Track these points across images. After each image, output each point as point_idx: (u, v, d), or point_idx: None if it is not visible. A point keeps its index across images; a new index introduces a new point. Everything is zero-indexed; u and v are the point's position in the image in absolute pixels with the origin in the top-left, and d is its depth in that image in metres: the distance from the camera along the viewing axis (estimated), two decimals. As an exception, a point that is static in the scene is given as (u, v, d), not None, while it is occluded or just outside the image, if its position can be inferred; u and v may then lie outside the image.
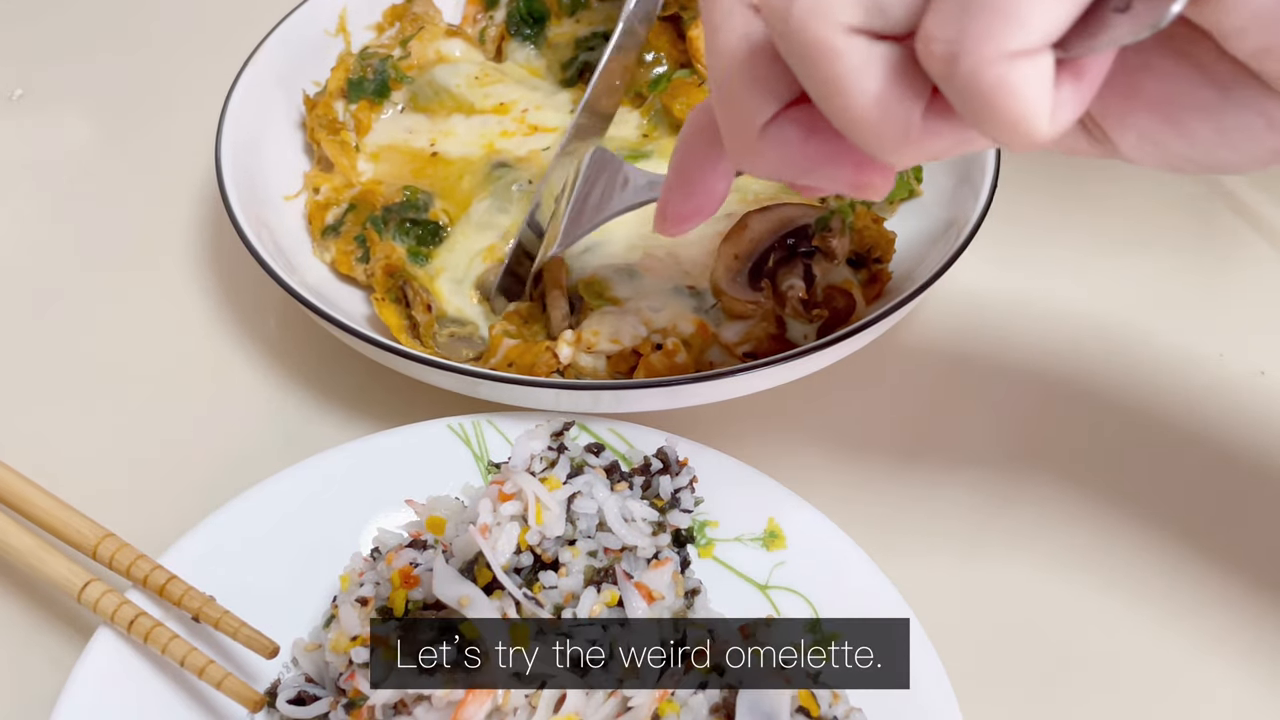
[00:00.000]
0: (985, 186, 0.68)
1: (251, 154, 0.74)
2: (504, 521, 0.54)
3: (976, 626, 0.60)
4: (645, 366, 0.64)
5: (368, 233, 0.71)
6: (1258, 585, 0.62)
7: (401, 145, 0.77)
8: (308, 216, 0.75)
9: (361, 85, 0.78)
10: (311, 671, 0.56)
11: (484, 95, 0.78)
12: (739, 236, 0.67)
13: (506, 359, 0.65)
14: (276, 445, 0.68)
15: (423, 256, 0.71)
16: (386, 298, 0.69)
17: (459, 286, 0.69)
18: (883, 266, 0.70)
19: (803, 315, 0.66)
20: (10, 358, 0.74)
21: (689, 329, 0.65)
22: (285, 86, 0.79)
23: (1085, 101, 0.33)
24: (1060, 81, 0.31)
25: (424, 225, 0.71)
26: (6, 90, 0.91)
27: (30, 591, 0.62)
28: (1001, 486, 0.66)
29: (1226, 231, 0.80)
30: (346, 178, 0.76)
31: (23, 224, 0.82)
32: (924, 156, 0.34)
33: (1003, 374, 0.72)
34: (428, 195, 0.73)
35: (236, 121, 0.73)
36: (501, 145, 0.76)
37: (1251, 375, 0.71)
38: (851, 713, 0.51)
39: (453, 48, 0.80)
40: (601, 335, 0.65)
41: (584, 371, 0.65)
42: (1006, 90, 0.30)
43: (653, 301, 0.67)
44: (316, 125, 0.77)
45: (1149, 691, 0.59)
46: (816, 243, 0.67)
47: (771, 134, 0.37)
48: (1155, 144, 0.38)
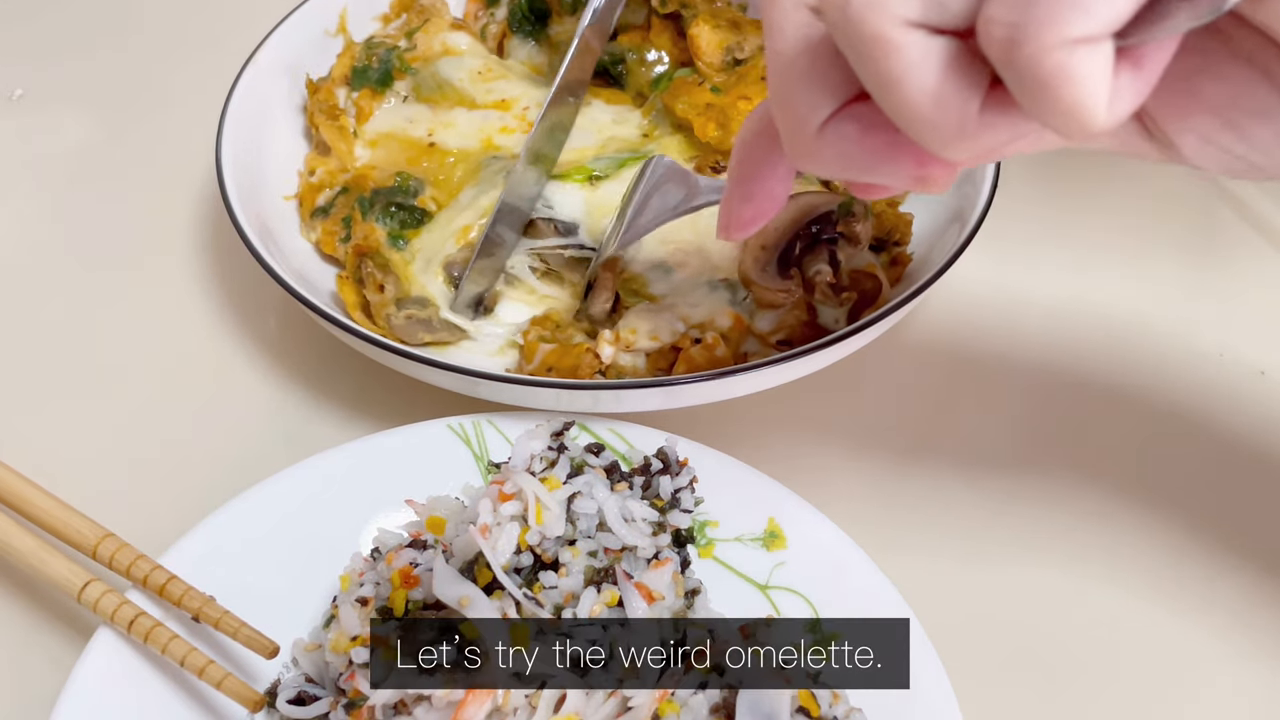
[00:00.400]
0: (987, 177, 0.68)
1: (252, 154, 0.74)
2: (504, 521, 0.54)
3: (976, 626, 0.60)
4: (686, 360, 0.64)
5: (353, 213, 0.72)
6: (1258, 585, 0.62)
7: (400, 134, 0.77)
8: (299, 197, 0.75)
9: (366, 73, 0.78)
10: (311, 671, 0.56)
11: (486, 90, 0.78)
12: (763, 228, 0.67)
13: (544, 364, 0.66)
14: (276, 445, 0.68)
15: (403, 240, 0.71)
16: (350, 276, 0.70)
17: (428, 265, 0.70)
18: (902, 249, 0.71)
19: (832, 299, 0.67)
20: (10, 358, 0.74)
21: (726, 323, 0.66)
22: (286, 87, 0.79)
23: (1143, 93, 0.33)
24: (1119, 70, 0.32)
25: (409, 210, 0.72)
26: (6, 90, 0.91)
27: (30, 591, 0.62)
28: (1002, 486, 0.67)
29: (1227, 231, 0.80)
30: (342, 162, 0.76)
31: (23, 224, 0.82)
32: (980, 150, 0.35)
33: (1002, 375, 0.72)
34: (419, 182, 0.73)
35: (237, 121, 0.73)
36: (500, 141, 0.76)
37: (1251, 375, 0.71)
38: (851, 713, 0.51)
39: (458, 41, 0.80)
40: (640, 333, 0.65)
41: (624, 370, 0.65)
42: (1066, 77, 0.30)
43: (689, 297, 0.67)
44: (316, 109, 0.77)
45: (1149, 692, 0.59)
46: (840, 228, 0.67)
47: (830, 132, 0.38)
48: (1216, 147, 0.38)
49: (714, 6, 0.78)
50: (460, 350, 0.70)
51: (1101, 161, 0.83)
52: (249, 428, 0.70)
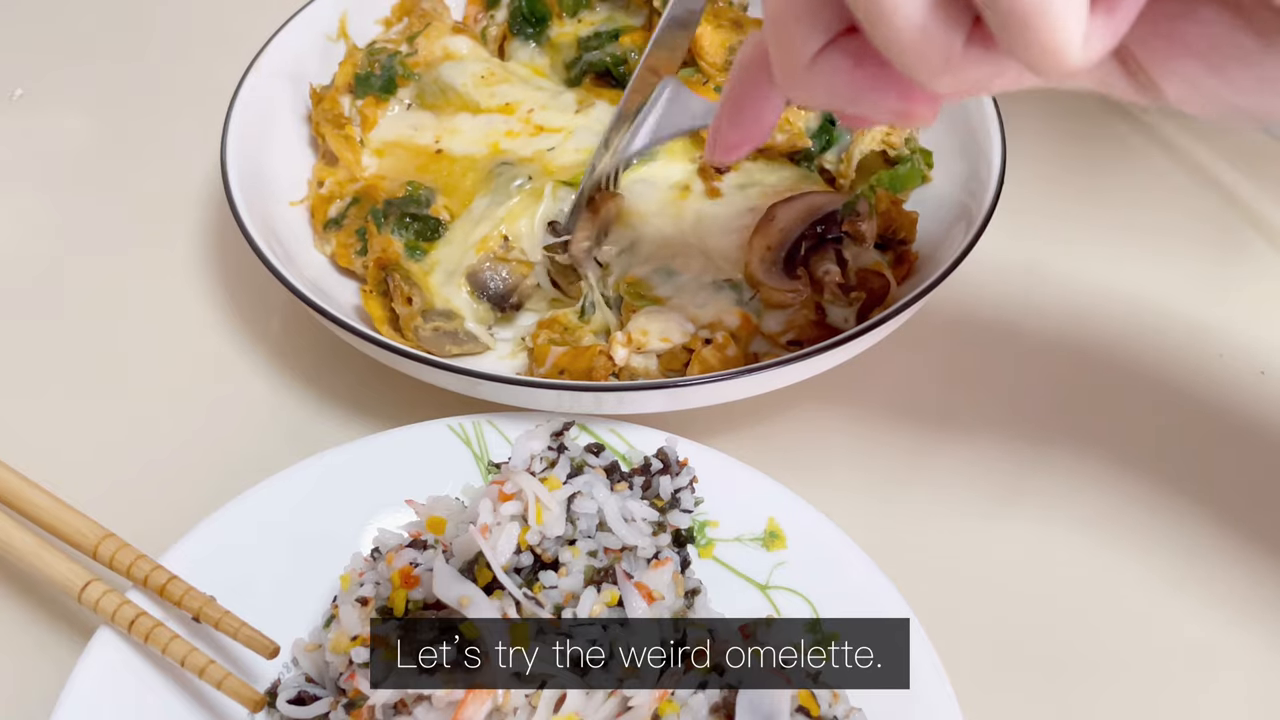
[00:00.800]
0: (994, 173, 0.69)
1: (256, 158, 0.74)
2: (504, 521, 0.54)
3: (976, 626, 0.60)
4: (699, 361, 0.64)
5: (367, 226, 0.72)
6: (1258, 585, 0.62)
7: (406, 142, 0.77)
8: (310, 209, 0.75)
9: (369, 81, 0.78)
10: (311, 671, 0.56)
11: (490, 94, 0.78)
12: (768, 228, 0.67)
13: (557, 366, 0.66)
14: (277, 445, 0.68)
15: (420, 251, 0.71)
16: (375, 290, 0.70)
17: (450, 277, 0.69)
18: (907, 247, 0.71)
19: (841, 298, 0.66)
20: (12, 358, 0.74)
21: (734, 322, 0.66)
22: (290, 89, 0.79)
23: (1117, 34, 0.34)
24: (1094, 13, 0.33)
25: (424, 220, 0.72)
26: (6, 90, 0.91)
27: (31, 592, 0.62)
28: (1002, 487, 0.67)
29: (1227, 231, 0.80)
30: (351, 172, 0.76)
31: (24, 224, 0.82)
32: (963, 84, 0.37)
33: (1003, 376, 0.72)
34: (430, 191, 0.73)
35: (241, 125, 0.73)
36: (507, 145, 0.76)
37: (1251, 375, 0.71)
38: (851, 713, 0.51)
39: (459, 45, 0.80)
40: (651, 334, 0.65)
41: (636, 372, 0.65)
42: (1041, 16, 0.33)
43: (695, 298, 0.67)
44: (322, 119, 0.77)
45: (1150, 692, 0.59)
46: (846, 227, 0.68)
47: (821, 64, 0.40)
48: (1200, 91, 0.39)
49: (716, 6, 0.78)
50: (479, 358, 0.70)
51: (1100, 161, 0.83)
52: (250, 428, 0.70)
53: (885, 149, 0.75)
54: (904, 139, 0.75)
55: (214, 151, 0.72)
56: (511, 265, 0.70)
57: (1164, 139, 0.84)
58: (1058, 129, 0.84)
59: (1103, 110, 0.86)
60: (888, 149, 0.75)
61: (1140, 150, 0.84)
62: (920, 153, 0.75)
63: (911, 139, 0.76)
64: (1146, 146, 0.84)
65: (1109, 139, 0.85)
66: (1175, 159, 0.83)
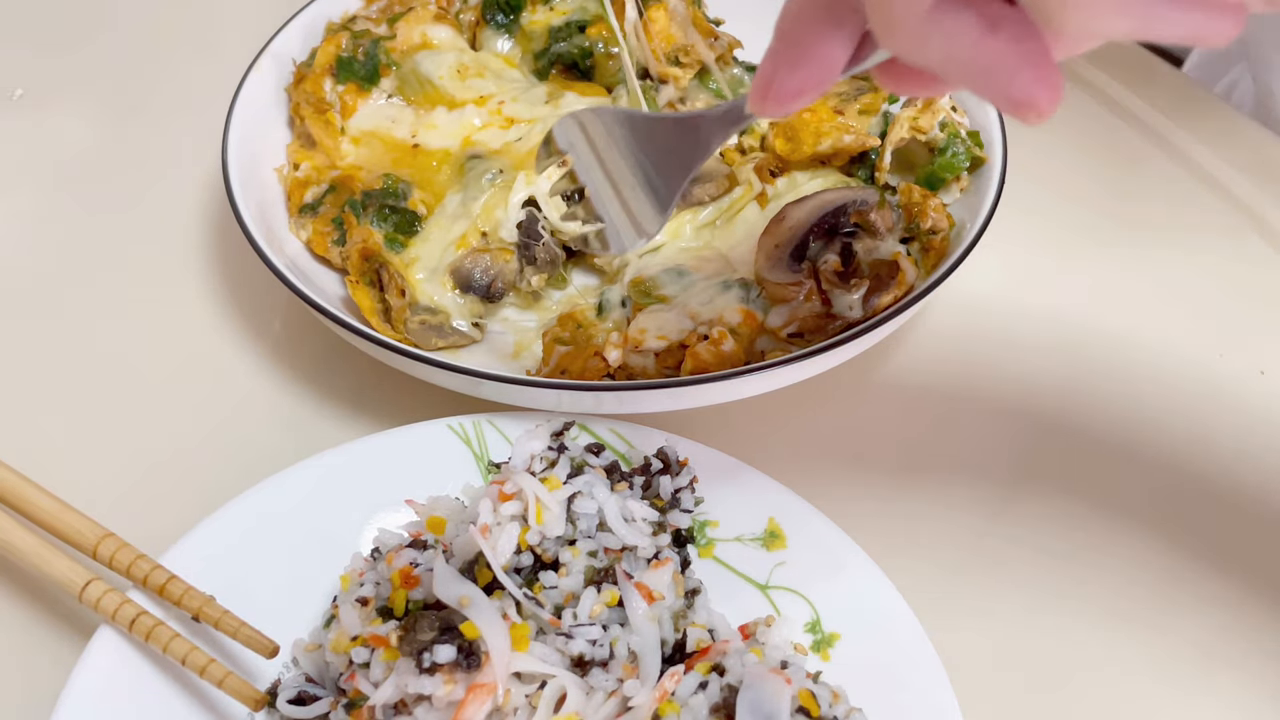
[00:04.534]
0: (995, 173, 0.69)
1: (255, 159, 0.74)
2: (504, 521, 0.55)
3: (976, 627, 0.60)
4: (692, 358, 0.64)
5: (345, 216, 0.71)
6: (1258, 585, 0.62)
7: (384, 133, 0.77)
8: (286, 191, 0.75)
9: (352, 66, 0.78)
10: (311, 671, 0.56)
11: (465, 88, 0.77)
12: (777, 228, 0.67)
13: (559, 367, 0.65)
14: (277, 445, 0.68)
15: (399, 244, 0.71)
16: (361, 280, 0.69)
17: (433, 275, 0.69)
18: (936, 236, 0.68)
19: (838, 284, 0.65)
20: (12, 358, 0.74)
21: (735, 318, 0.65)
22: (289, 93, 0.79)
23: None
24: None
25: (402, 213, 0.72)
26: (7, 90, 0.91)
27: (32, 591, 0.62)
28: (1002, 486, 0.67)
29: (1227, 231, 0.80)
30: (329, 158, 0.75)
31: (24, 224, 0.82)
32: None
33: (1003, 375, 0.72)
34: (407, 184, 0.73)
35: (242, 127, 0.73)
36: (478, 138, 0.75)
37: (1251, 375, 0.71)
38: (851, 713, 0.51)
39: (439, 34, 0.80)
40: (649, 332, 0.65)
41: (634, 372, 0.65)
42: None
43: (700, 296, 0.67)
44: (303, 101, 0.77)
45: (1149, 692, 0.59)
46: (856, 219, 0.67)
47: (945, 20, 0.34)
48: None
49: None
50: (472, 353, 0.69)
51: (1106, 164, 0.83)
52: (250, 428, 0.70)
53: (914, 134, 0.72)
54: (936, 122, 0.72)
55: (215, 151, 0.72)
56: (493, 254, 0.69)
57: (1166, 140, 0.84)
58: (1060, 131, 0.84)
59: (1105, 112, 0.86)
60: (917, 134, 0.72)
61: (1142, 151, 0.84)
62: (962, 135, 0.72)
63: (949, 123, 0.72)
64: (1148, 148, 0.84)
65: (1111, 140, 0.85)
66: (1176, 160, 0.83)
